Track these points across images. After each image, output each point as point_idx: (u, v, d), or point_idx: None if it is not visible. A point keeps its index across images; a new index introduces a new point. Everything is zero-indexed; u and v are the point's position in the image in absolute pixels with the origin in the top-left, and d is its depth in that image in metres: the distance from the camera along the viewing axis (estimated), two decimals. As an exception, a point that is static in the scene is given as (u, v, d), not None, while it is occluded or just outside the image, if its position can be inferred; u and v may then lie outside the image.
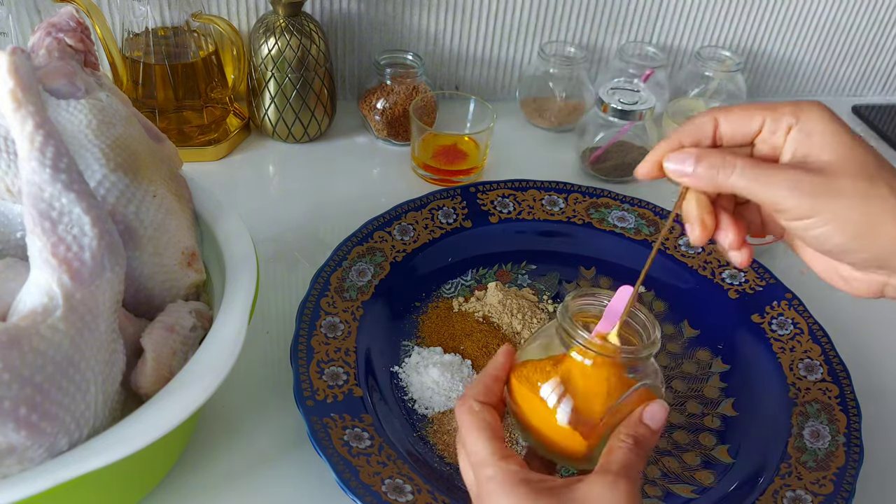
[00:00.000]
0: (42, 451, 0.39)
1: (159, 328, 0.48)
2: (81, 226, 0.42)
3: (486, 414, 0.42)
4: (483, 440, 0.40)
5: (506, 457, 0.40)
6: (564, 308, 0.42)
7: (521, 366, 0.43)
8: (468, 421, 0.42)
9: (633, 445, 0.39)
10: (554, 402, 0.40)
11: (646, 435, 0.40)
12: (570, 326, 0.41)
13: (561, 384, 0.41)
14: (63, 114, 0.48)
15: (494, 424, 0.41)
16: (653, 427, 0.40)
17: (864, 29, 1.05)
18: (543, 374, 0.42)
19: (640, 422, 0.40)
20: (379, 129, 0.89)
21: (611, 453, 0.39)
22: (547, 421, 0.41)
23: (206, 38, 0.82)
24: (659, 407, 0.41)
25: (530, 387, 0.42)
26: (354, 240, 0.69)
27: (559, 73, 0.93)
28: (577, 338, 0.41)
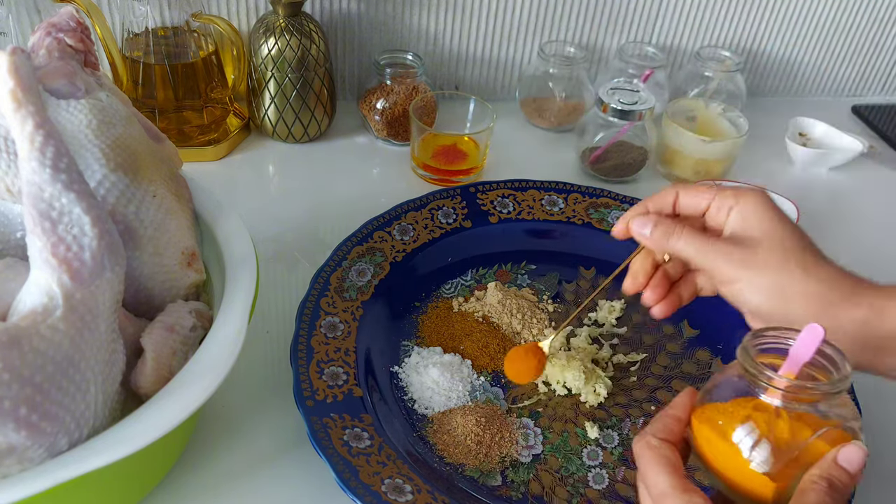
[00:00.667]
0: (42, 451, 0.39)
1: (159, 328, 0.48)
2: (81, 226, 0.42)
3: (665, 449, 0.41)
4: (664, 474, 0.39)
5: (688, 490, 0.38)
6: (745, 349, 0.41)
7: (706, 408, 0.42)
8: (647, 456, 0.41)
9: (826, 488, 0.37)
10: (746, 447, 0.38)
11: (841, 478, 0.37)
12: (755, 368, 0.39)
13: (752, 429, 0.39)
14: (63, 114, 0.48)
15: (674, 459, 0.40)
16: (850, 470, 0.37)
17: (864, 29, 1.05)
18: (730, 417, 0.40)
19: (834, 464, 0.38)
20: (379, 129, 0.89)
21: (803, 495, 0.37)
22: (735, 465, 0.39)
23: (206, 38, 0.82)
24: (856, 448, 0.38)
25: (717, 430, 0.40)
26: (354, 240, 0.69)
27: (559, 73, 0.93)
28: (764, 378, 0.39)
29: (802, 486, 0.37)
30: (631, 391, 0.63)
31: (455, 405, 0.59)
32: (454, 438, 0.57)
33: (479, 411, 0.58)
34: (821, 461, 0.38)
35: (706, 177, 0.87)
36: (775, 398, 0.39)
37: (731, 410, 0.40)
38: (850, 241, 0.84)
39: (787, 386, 0.39)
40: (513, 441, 0.58)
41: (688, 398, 0.43)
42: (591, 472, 0.56)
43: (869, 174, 0.96)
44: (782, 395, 0.39)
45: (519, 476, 0.56)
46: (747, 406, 0.40)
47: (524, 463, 0.56)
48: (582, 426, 0.59)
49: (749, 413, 0.39)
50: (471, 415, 0.58)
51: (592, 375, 0.62)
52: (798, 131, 0.98)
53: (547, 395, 0.62)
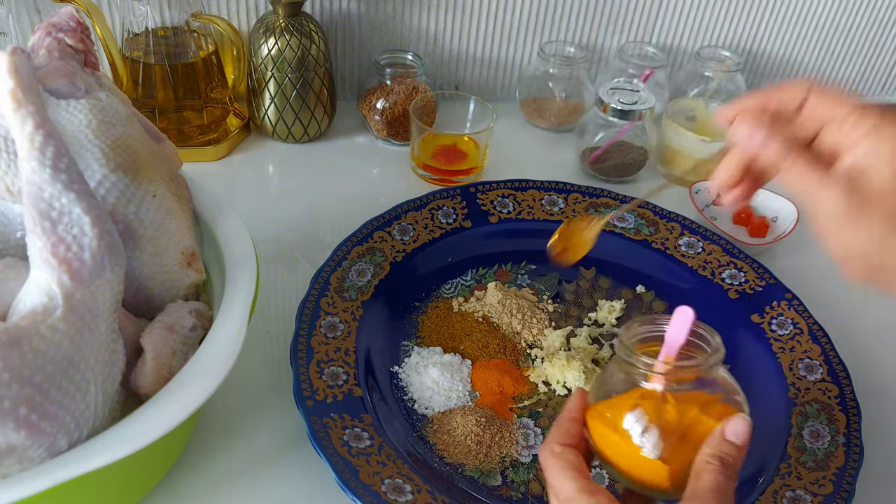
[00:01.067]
0: (42, 451, 0.39)
1: (159, 328, 0.48)
2: (81, 226, 0.42)
3: (568, 454, 0.41)
4: (569, 479, 0.40)
5: (593, 491, 0.39)
6: (621, 342, 0.42)
7: (596, 405, 0.43)
8: (552, 463, 0.41)
9: (719, 466, 0.37)
10: (635, 435, 0.40)
11: (731, 452, 0.38)
12: (633, 358, 0.41)
13: (638, 416, 0.40)
14: (63, 114, 0.48)
15: (577, 463, 0.41)
16: (737, 443, 0.38)
17: (864, 29, 1.05)
18: (618, 409, 0.41)
19: (723, 440, 0.39)
20: (379, 129, 0.89)
21: (698, 478, 0.38)
22: (629, 455, 0.40)
23: (206, 38, 0.82)
24: (741, 420, 0.39)
25: (608, 424, 0.41)
26: (354, 240, 0.69)
27: (559, 73, 0.93)
28: (642, 366, 0.41)
29: (697, 467, 0.38)
30: (631, 391, 0.63)
31: (455, 405, 0.59)
32: (454, 438, 0.57)
33: (479, 411, 0.58)
34: (709, 439, 0.39)
35: (706, 177, 0.87)
36: (657, 383, 0.41)
37: (619, 403, 0.41)
38: (850, 241, 0.84)
39: (664, 370, 0.40)
40: (513, 441, 0.58)
41: (580, 399, 0.44)
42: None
43: (869, 174, 0.96)
44: (662, 378, 0.40)
45: (519, 476, 0.56)
46: (634, 396, 0.41)
47: (524, 463, 0.56)
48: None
49: (636, 402, 0.41)
50: (471, 415, 0.58)
51: (592, 375, 0.62)
52: (798, 131, 0.98)
53: (547, 395, 0.62)
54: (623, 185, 0.88)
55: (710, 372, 0.41)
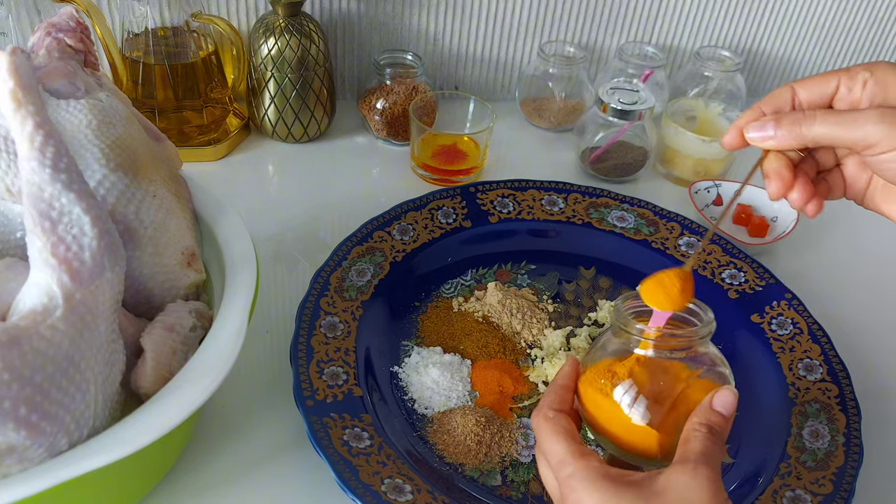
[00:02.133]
0: (42, 451, 0.39)
1: (159, 328, 0.48)
2: (81, 226, 0.42)
3: (560, 419, 0.42)
4: (560, 442, 0.41)
5: (584, 454, 0.40)
6: (617, 309, 0.43)
7: (587, 371, 0.44)
8: (544, 427, 0.42)
9: (707, 433, 0.39)
10: (626, 402, 0.41)
11: (718, 422, 0.40)
12: (626, 324, 0.42)
13: (629, 383, 0.41)
14: (63, 114, 0.48)
15: (569, 427, 0.42)
16: (724, 413, 0.40)
17: (864, 29, 1.05)
18: (610, 375, 0.42)
19: (710, 409, 0.40)
20: (378, 129, 0.89)
21: (686, 443, 0.39)
22: (620, 421, 0.41)
23: (205, 38, 0.82)
24: (728, 392, 0.40)
25: (600, 390, 0.42)
26: (354, 240, 0.69)
27: (559, 73, 0.93)
28: (636, 332, 0.42)
29: (685, 435, 0.39)
30: (631, 391, 0.63)
31: (455, 405, 0.59)
32: (454, 438, 0.57)
33: (479, 411, 0.58)
34: (697, 409, 0.40)
35: (706, 177, 0.87)
36: (648, 350, 0.42)
37: (611, 370, 0.42)
38: (850, 241, 0.84)
39: (657, 335, 0.41)
40: (513, 441, 0.58)
41: (573, 367, 0.45)
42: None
43: (869, 174, 0.96)
44: (654, 345, 0.42)
45: (519, 476, 0.56)
46: (626, 364, 0.42)
47: (524, 463, 0.56)
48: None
49: (628, 369, 0.42)
50: (471, 415, 0.58)
51: (592, 375, 0.62)
52: (798, 131, 0.98)
53: (547, 395, 0.62)
54: (623, 185, 0.88)
55: (700, 343, 0.42)
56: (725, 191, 0.85)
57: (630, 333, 0.42)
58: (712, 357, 0.43)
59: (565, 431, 0.41)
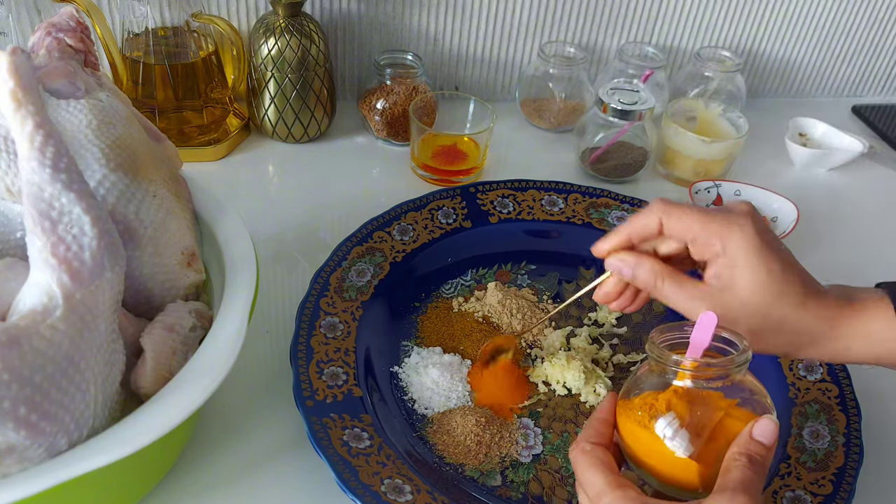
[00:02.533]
0: (42, 451, 0.39)
1: (159, 328, 0.48)
2: (81, 226, 0.42)
3: (598, 452, 0.43)
4: (598, 474, 0.41)
5: (622, 485, 0.40)
6: (651, 342, 0.44)
7: (626, 404, 0.44)
8: (582, 460, 0.43)
9: (747, 462, 0.39)
10: (667, 434, 0.41)
11: (759, 451, 0.39)
12: (662, 356, 0.42)
13: (670, 415, 0.41)
14: (63, 114, 0.48)
15: (607, 460, 0.42)
16: (765, 443, 0.40)
17: (863, 29, 1.05)
18: (650, 408, 0.42)
19: (750, 439, 0.40)
20: (379, 130, 0.89)
21: (726, 473, 0.39)
22: (661, 454, 0.41)
23: (206, 38, 0.82)
24: (768, 421, 0.40)
25: (639, 423, 0.42)
26: (354, 240, 0.69)
27: (559, 73, 0.93)
28: (672, 364, 0.42)
29: (725, 465, 0.39)
30: (631, 391, 0.63)
31: (455, 405, 0.59)
32: (454, 438, 0.57)
33: (479, 411, 0.58)
34: (737, 438, 0.40)
35: (706, 177, 0.87)
36: (686, 381, 0.42)
37: (650, 402, 0.42)
38: (850, 241, 0.84)
39: (694, 365, 0.41)
40: (513, 441, 0.58)
41: (611, 401, 0.45)
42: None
43: (869, 174, 0.96)
44: (692, 375, 0.42)
45: (519, 476, 0.56)
46: (664, 396, 0.42)
47: (524, 463, 0.56)
48: (582, 426, 0.59)
49: (667, 401, 0.42)
50: (471, 415, 0.58)
51: (592, 375, 0.62)
52: (798, 132, 0.98)
53: (547, 395, 0.62)
54: (623, 185, 0.88)
55: (737, 372, 0.42)
56: (725, 191, 0.85)
57: (666, 365, 0.42)
58: (750, 386, 0.42)
59: (603, 463, 0.42)
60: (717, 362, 0.41)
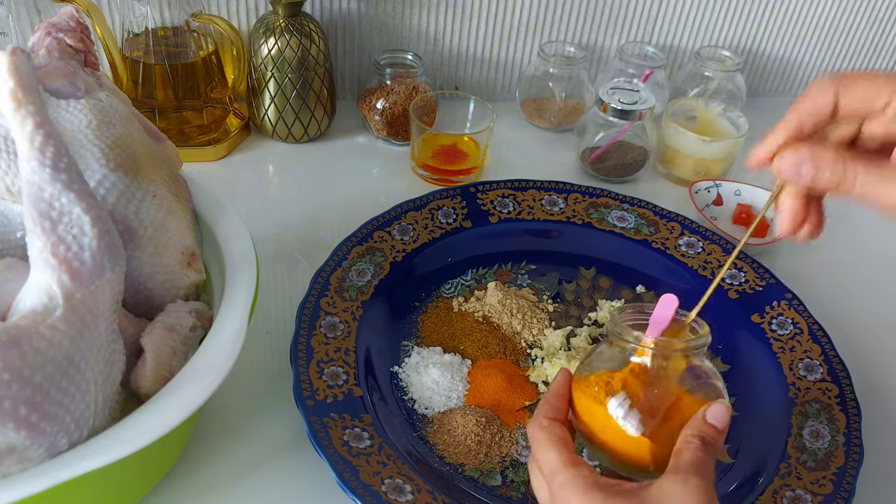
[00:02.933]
0: (42, 451, 0.39)
1: (159, 328, 0.48)
2: (81, 226, 0.42)
3: (555, 427, 0.42)
4: (553, 451, 0.41)
5: (577, 464, 0.40)
6: (614, 318, 0.44)
7: (582, 381, 0.44)
8: (538, 437, 0.42)
9: (700, 444, 0.39)
10: (620, 412, 0.41)
11: (711, 434, 0.40)
12: (624, 332, 0.43)
13: (624, 394, 0.41)
14: (63, 114, 0.48)
15: (564, 436, 0.42)
16: (717, 426, 0.40)
17: (864, 29, 1.05)
18: (605, 385, 0.42)
19: (704, 421, 0.40)
20: (379, 129, 0.89)
21: (679, 454, 0.39)
22: (614, 431, 0.41)
23: (206, 38, 0.82)
24: (721, 406, 0.41)
25: (594, 399, 0.42)
26: (354, 240, 0.69)
27: (559, 73, 0.93)
28: (632, 340, 0.42)
29: (678, 446, 0.40)
30: (631, 391, 0.63)
31: (455, 405, 0.59)
32: (454, 438, 0.57)
33: (479, 411, 0.58)
34: (691, 421, 0.40)
35: (706, 176, 0.87)
36: (645, 358, 0.42)
37: (606, 379, 0.42)
38: (850, 240, 0.84)
39: (654, 343, 0.42)
40: (513, 441, 0.58)
41: (565, 376, 0.45)
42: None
43: (869, 174, 0.96)
44: (651, 354, 0.42)
45: (519, 476, 0.56)
46: (620, 375, 0.42)
47: (524, 463, 0.56)
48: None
49: (622, 379, 0.42)
50: (471, 415, 0.58)
51: (592, 375, 0.62)
52: (798, 131, 0.98)
53: (547, 395, 0.62)
54: (623, 185, 0.88)
55: (695, 355, 0.42)
56: (725, 191, 0.85)
57: (627, 342, 0.43)
58: (706, 370, 0.43)
59: (559, 440, 0.42)
60: (677, 341, 0.42)
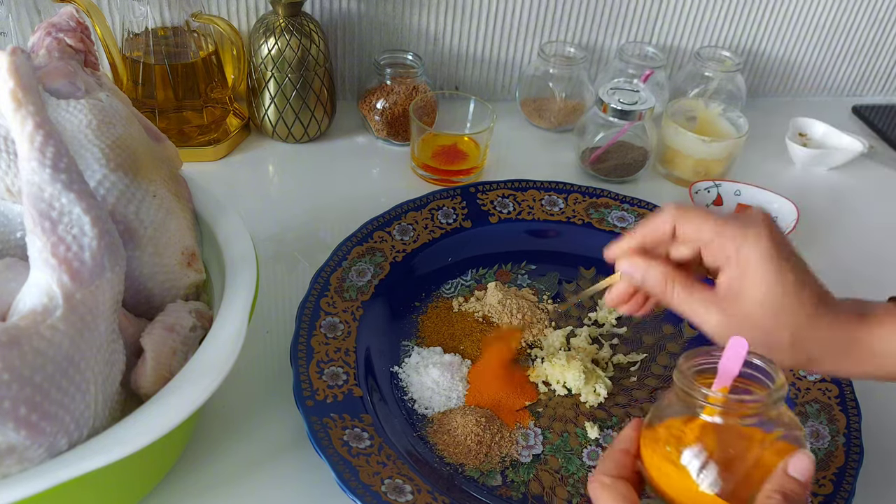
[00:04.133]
0: (42, 451, 0.39)
1: (159, 328, 0.48)
2: (81, 226, 0.42)
3: (619, 486, 0.40)
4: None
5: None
6: (679, 371, 0.41)
7: (651, 433, 0.42)
8: (602, 496, 0.40)
9: (782, 501, 0.37)
10: (695, 469, 0.38)
11: (795, 489, 0.37)
12: (690, 387, 0.40)
13: (698, 449, 0.38)
14: (63, 114, 0.48)
15: (629, 495, 0.40)
16: (801, 479, 0.38)
17: (863, 29, 1.05)
18: (677, 441, 0.39)
19: (785, 476, 0.38)
20: (379, 129, 0.89)
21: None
22: (687, 489, 0.38)
23: (206, 38, 0.82)
24: (803, 457, 0.38)
25: (665, 456, 0.40)
26: (354, 240, 0.69)
27: (559, 73, 0.93)
28: (701, 397, 0.39)
29: (759, 503, 0.37)
30: (631, 391, 0.63)
31: (455, 405, 0.59)
32: (454, 438, 0.57)
33: (479, 411, 0.58)
34: (772, 475, 0.38)
35: (706, 177, 0.87)
36: (716, 416, 0.39)
37: (677, 434, 0.40)
38: (850, 241, 0.84)
39: (725, 402, 0.39)
40: (513, 441, 0.58)
41: (634, 430, 0.43)
42: (591, 473, 0.56)
43: (869, 174, 0.96)
44: (722, 411, 0.39)
45: (519, 476, 0.56)
46: (693, 428, 0.39)
47: (524, 463, 0.56)
48: (582, 426, 0.59)
49: (695, 434, 0.39)
50: (471, 415, 0.58)
51: (592, 375, 0.62)
52: (798, 131, 0.98)
53: (547, 395, 0.62)
54: (623, 185, 0.88)
55: (771, 408, 0.39)
56: (725, 191, 0.85)
57: (694, 398, 0.39)
58: (785, 420, 0.40)
59: (625, 499, 0.40)
60: (752, 399, 0.39)
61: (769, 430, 0.39)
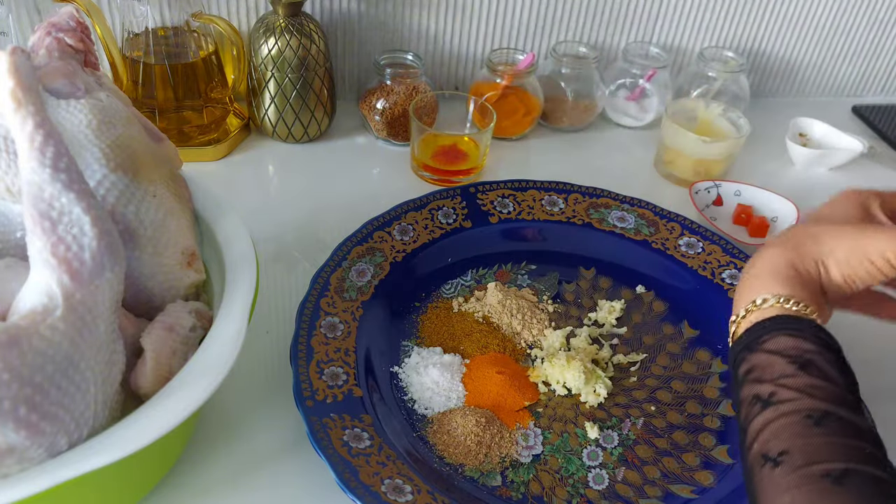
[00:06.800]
0: (42, 451, 0.39)
1: (159, 328, 0.48)
2: (81, 226, 0.42)
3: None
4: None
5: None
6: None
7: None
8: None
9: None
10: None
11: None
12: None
13: None
14: (63, 114, 0.48)
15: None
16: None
17: (864, 29, 1.05)
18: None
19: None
20: (379, 129, 0.89)
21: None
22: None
23: (206, 38, 0.82)
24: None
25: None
26: (354, 240, 0.69)
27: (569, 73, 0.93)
28: None
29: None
30: (631, 391, 0.63)
31: (455, 405, 0.59)
32: (454, 439, 0.57)
33: (478, 412, 0.58)
34: None
35: (706, 177, 0.87)
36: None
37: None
38: (850, 241, 0.84)
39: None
40: (513, 441, 0.58)
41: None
42: (590, 473, 0.56)
43: (869, 174, 0.96)
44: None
45: (519, 476, 0.56)
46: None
47: (524, 463, 0.56)
48: (582, 426, 0.59)
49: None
50: (471, 415, 0.58)
51: (592, 376, 0.62)
52: (798, 132, 0.98)
53: (547, 395, 0.62)
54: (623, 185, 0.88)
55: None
56: (726, 191, 0.85)
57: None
58: None
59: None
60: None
61: None
